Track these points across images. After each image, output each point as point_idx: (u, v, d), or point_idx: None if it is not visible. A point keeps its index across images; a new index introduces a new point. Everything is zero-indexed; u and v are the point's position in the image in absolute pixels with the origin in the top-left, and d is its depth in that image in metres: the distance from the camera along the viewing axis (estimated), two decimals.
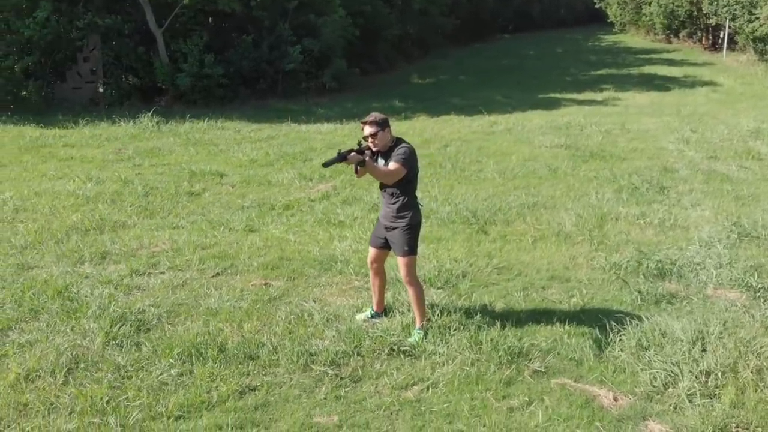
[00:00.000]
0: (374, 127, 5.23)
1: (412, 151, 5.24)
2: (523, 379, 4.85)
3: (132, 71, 18.92)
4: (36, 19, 16.97)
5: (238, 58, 19.12)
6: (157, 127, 15.37)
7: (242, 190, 10.23)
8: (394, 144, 5.29)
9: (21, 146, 13.62)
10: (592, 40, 43.50)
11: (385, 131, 5.25)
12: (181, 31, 19.15)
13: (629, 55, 32.87)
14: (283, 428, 4.30)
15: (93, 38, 18.42)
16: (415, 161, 5.26)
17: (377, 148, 5.30)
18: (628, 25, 44.62)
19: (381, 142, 5.26)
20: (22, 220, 8.50)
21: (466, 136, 14.43)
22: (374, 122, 5.24)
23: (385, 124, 5.26)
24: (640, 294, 6.12)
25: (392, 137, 5.31)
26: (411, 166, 5.21)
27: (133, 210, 9.03)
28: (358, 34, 22.55)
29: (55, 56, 18.01)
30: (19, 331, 5.45)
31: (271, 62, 19.62)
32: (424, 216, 8.25)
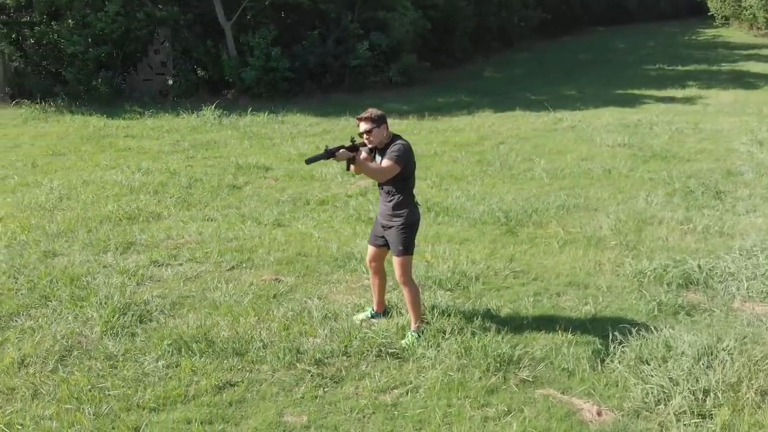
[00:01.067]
0: (369, 123, 5.24)
1: (407, 148, 5.21)
2: (508, 387, 4.76)
3: (200, 64, 19.50)
4: (108, 13, 17.74)
5: (304, 52, 19.42)
6: (218, 121, 15.83)
7: (283, 184, 10.41)
8: (390, 141, 5.28)
9: (84, 136, 14.31)
10: (689, 34, 41.79)
11: (380, 128, 5.24)
12: (250, 24, 19.61)
13: (725, 51, 31.42)
14: (252, 426, 4.38)
15: (163, 31, 19.11)
16: (410, 159, 5.23)
17: (372, 145, 5.30)
18: (731, 18, 42.62)
19: (376, 139, 5.26)
20: (63, 209, 8.94)
21: (525, 133, 14.19)
22: (369, 118, 5.25)
23: (381, 120, 5.26)
24: (658, 304, 5.89)
25: (388, 134, 5.30)
26: (405, 163, 5.18)
27: (171, 201, 9.34)
28: (429, 28, 22.49)
29: (126, 48, 18.76)
30: (26, 317, 5.75)
31: (338, 56, 19.83)
32: (457, 215, 8.33)
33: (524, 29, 35.06)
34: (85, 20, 17.97)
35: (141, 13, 18.14)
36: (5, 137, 14.31)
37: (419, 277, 6.52)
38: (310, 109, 17.47)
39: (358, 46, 19.38)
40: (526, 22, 34.37)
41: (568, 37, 38.91)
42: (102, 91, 17.99)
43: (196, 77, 19.32)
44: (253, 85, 18.75)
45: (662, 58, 28.22)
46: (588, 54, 30.96)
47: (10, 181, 10.53)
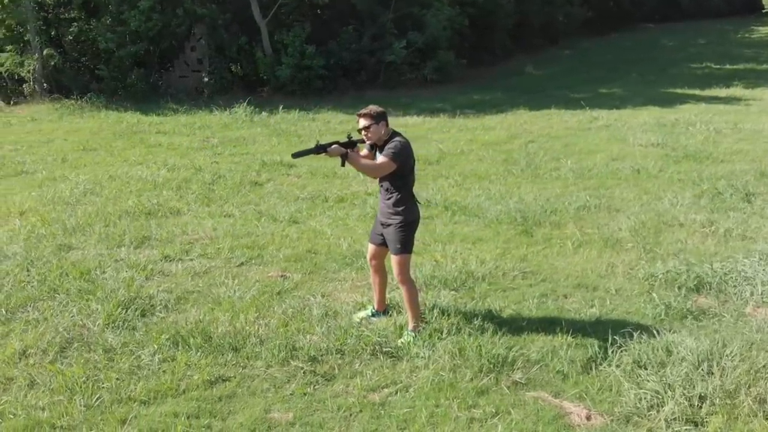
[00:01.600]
0: (368, 119, 5.27)
1: (404, 145, 5.22)
2: (499, 389, 4.75)
3: (235, 62, 19.77)
4: (140, 9, 18.08)
5: (339, 49, 19.53)
6: (249, 118, 16.04)
7: (305, 181, 10.51)
8: (389, 138, 5.30)
9: (117, 132, 14.64)
10: (743, 31, 40.72)
11: (379, 125, 5.27)
12: (285, 22, 19.80)
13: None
14: (238, 421, 4.45)
15: (199, 28, 19.43)
16: (407, 156, 5.24)
17: (370, 142, 5.34)
18: None
19: (374, 136, 5.29)
20: (85, 203, 9.17)
21: (557, 131, 14.06)
22: (368, 115, 5.28)
23: (380, 117, 5.28)
24: (666, 308, 5.80)
25: (387, 131, 5.32)
26: (402, 161, 5.19)
27: (193, 197, 9.50)
28: (467, 25, 22.40)
29: (162, 45, 19.12)
30: (33, 309, 5.93)
31: (373, 53, 19.91)
32: (473, 215, 8.32)
33: (569, 26, 34.62)
34: (121, 17, 18.36)
35: (180, 10, 18.41)
36: (40, 132, 14.73)
37: (425, 276, 6.54)
38: (342, 107, 17.57)
39: (395, 43, 19.41)
40: (570, 18, 33.94)
41: (616, 35, 38.26)
42: (138, 87, 18.38)
43: (231, 75, 19.58)
44: (287, 82, 18.95)
45: (711, 56, 27.64)
46: (634, 52, 30.42)
47: (38, 176, 10.85)
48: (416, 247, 7.19)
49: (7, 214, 8.66)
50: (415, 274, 6.59)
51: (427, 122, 15.56)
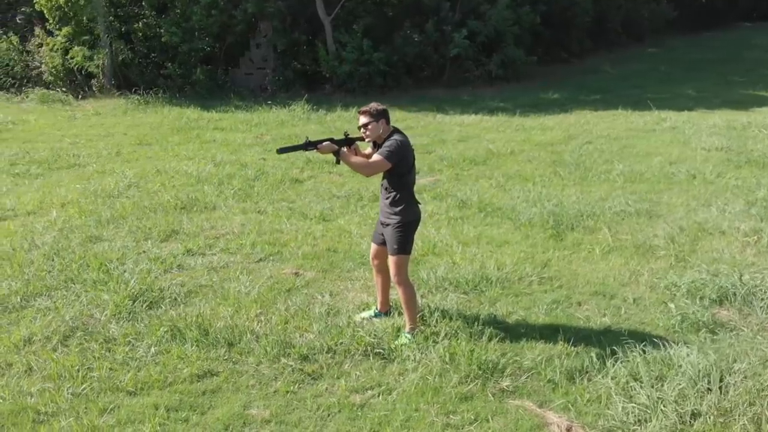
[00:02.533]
0: (367, 117, 5.31)
1: (401, 144, 5.22)
2: (484, 396, 4.70)
3: (299, 59, 20.06)
4: (200, 4, 18.55)
5: (401, 45, 19.55)
6: (306, 115, 16.27)
7: (347, 179, 10.60)
8: (388, 136, 5.31)
9: (175, 127, 15.10)
10: None
11: (378, 123, 5.29)
12: (348, 18, 19.96)
13: None
14: (216, 415, 4.55)
15: (265, 26, 19.82)
16: (404, 155, 5.23)
17: (369, 139, 5.37)
18: None
19: (373, 134, 5.32)
20: (126, 197, 9.51)
21: (618, 133, 13.70)
22: (368, 112, 5.32)
23: (380, 115, 5.30)
24: (681, 319, 5.60)
25: (387, 129, 5.33)
26: (398, 160, 5.19)
27: (231, 193, 9.72)
28: (538, 22, 22.04)
29: (227, 42, 19.60)
30: (47, 298, 6.20)
31: (437, 47, 19.84)
32: (506, 217, 8.24)
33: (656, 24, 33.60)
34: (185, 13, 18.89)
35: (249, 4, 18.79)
36: (101, 126, 15.34)
37: (438, 278, 6.52)
38: (401, 105, 17.59)
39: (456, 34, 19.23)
40: (656, 16, 32.93)
41: (707, 33, 36.92)
42: (203, 84, 18.89)
43: (294, 72, 19.88)
44: (348, 79, 19.11)
45: None
46: (721, 51, 29.27)
47: (88, 169, 11.31)
48: (436, 248, 7.24)
49: (50, 206, 9.06)
50: (428, 275, 6.59)
51: (484, 121, 15.42)
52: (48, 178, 10.82)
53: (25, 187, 10.19)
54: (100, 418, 4.47)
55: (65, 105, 18.09)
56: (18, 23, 20.40)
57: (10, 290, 6.29)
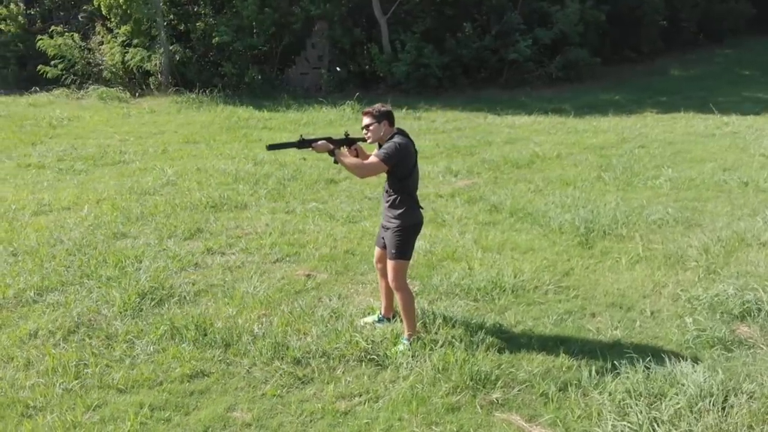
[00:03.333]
0: (369, 118, 5.29)
1: (400, 147, 5.16)
2: (472, 408, 4.60)
3: (353, 58, 20.16)
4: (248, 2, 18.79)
5: (458, 46, 19.42)
6: (355, 115, 16.31)
7: (381, 181, 10.54)
8: (390, 138, 5.27)
9: (224, 126, 15.38)
10: None
11: (380, 124, 5.25)
12: (405, 18, 19.96)
13: None
14: (199, 417, 4.58)
15: (321, 25, 19.99)
16: (402, 158, 5.16)
17: (371, 141, 5.34)
18: None
19: (374, 135, 5.28)
20: (161, 194, 9.72)
21: (675, 137, 13.29)
22: (370, 113, 5.29)
23: (383, 117, 5.26)
24: (697, 335, 5.38)
25: (389, 131, 5.28)
26: (395, 163, 5.13)
27: (264, 192, 9.83)
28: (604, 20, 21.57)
29: (282, 42, 19.84)
30: (60, 293, 6.37)
31: (496, 50, 19.64)
32: (537, 223, 8.09)
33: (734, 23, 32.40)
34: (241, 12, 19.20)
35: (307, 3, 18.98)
36: (154, 124, 15.74)
37: (450, 284, 6.43)
38: (455, 106, 17.51)
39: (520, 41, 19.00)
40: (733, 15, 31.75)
41: None
42: (257, 83, 19.19)
43: (349, 72, 19.99)
44: (403, 80, 19.10)
45: None
46: None
47: (132, 166, 11.61)
48: (456, 252, 7.15)
49: (86, 201, 9.34)
50: (441, 280, 6.52)
51: (536, 123, 15.19)
52: (91, 174, 11.15)
53: (66, 182, 10.53)
54: (84, 414, 4.56)
55: (122, 102, 18.66)
56: (81, 21, 21.12)
57: (26, 284, 6.49)
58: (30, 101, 19.15)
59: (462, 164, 11.44)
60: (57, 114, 16.70)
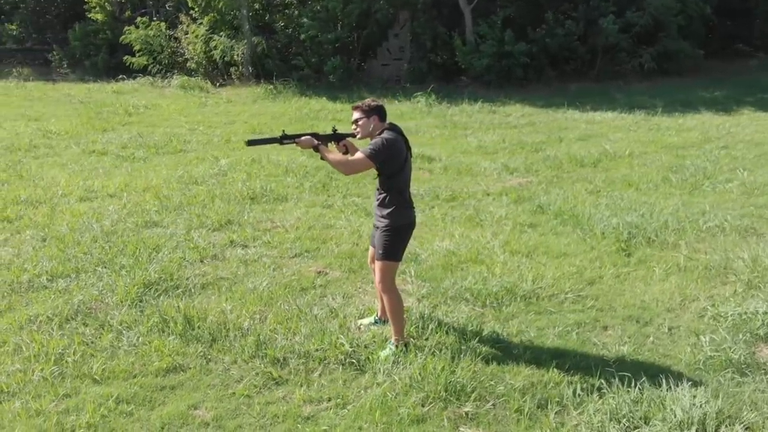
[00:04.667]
0: (358, 112, 5.19)
1: (387, 143, 5.01)
2: (439, 420, 4.43)
3: (435, 50, 19.98)
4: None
5: (544, 36, 18.91)
6: (428, 108, 16.19)
7: (434, 176, 10.45)
8: (379, 134, 5.15)
9: (296, 117, 15.58)
10: None
11: (369, 119, 5.14)
12: (490, 8, 19.60)
13: None
14: (162, 412, 4.58)
15: (403, 15, 19.91)
16: (390, 155, 5.01)
17: (360, 136, 5.24)
18: None
19: (363, 130, 5.18)
20: (207, 184, 9.92)
21: (765, 138, 12.47)
22: (360, 107, 5.19)
23: (372, 111, 5.15)
24: (710, 356, 5.01)
25: (379, 126, 5.16)
26: (382, 160, 5.00)
27: (308, 186, 9.87)
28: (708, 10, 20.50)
29: (364, 32, 19.88)
30: (71, 280, 6.56)
31: (585, 40, 19.01)
32: (579, 225, 7.78)
33: None
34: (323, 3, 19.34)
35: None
36: (227, 114, 16.11)
37: (460, 288, 6.24)
38: (535, 99, 17.09)
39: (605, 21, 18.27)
40: None
41: None
42: (336, 75, 19.30)
43: (430, 63, 19.82)
44: (484, 71, 18.78)
45: None
46: None
47: (189, 155, 11.91)
48: (479, 255, 6.96)
49: (132, 189, 9.64)
50: (453, 283, 6.34)
51: (618, 119, 14.63)
52: (148, 162, 11.51)
53: (121, 170, 10.90)
54: (51, 403, 4.66)
55: (202, 92, 19.20)
56: (168, 10, 21.86)
57: (42, 270, 6.74)
58: (115, 89, 20.02)
59: (522, 161, 11.13)
60: (135, 102, 17.37)
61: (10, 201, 9.08)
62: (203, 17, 19.97)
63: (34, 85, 21.45)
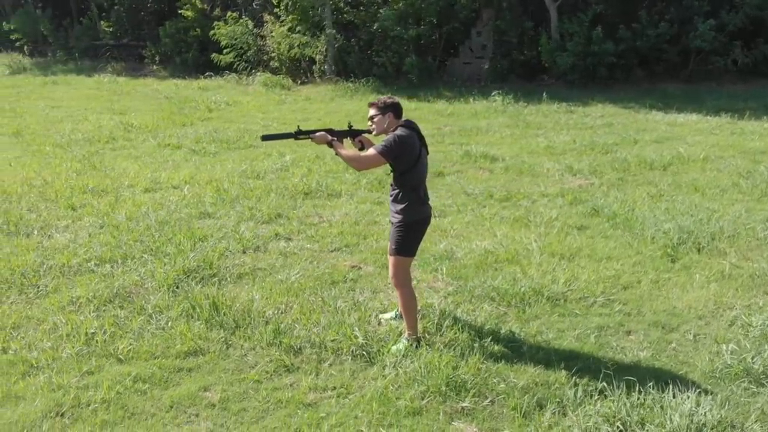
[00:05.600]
0: (374, 109, 5.36)
1: (400, 140, 5.13)
2: (434, 414, 4.55)
3: (518, 47, 19.86)
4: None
5: (633, 35, 18.50)
6: (504, 107, 16.16)
7: (494, 176, 10.49)
8: (393, 131, 5.30)
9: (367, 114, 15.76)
10: None
11: (384, 116, 5.30)
12: (578, 4, 19.34)
13: None
14: (174, 392, 4.87)
15: (487, 12, 19.89)
16: (402, 152, 5.12)
17: (375, 133, 5.40)
18: None
19: (378, 127, 5.35)
20: (267, 179, 10.26)
21: None
22: (375, 104, 5.37)
23: (388, 108, 5.30)
24: (729, 365, 4.93)
25: (393, 123, 5.30)
26: (394, 156, 5.13)
27: (365, 182, 10.06)
28: None
29: (446, 30, 19.95)
30: (118, 265, 6.98)
31: (677, 40, 18.50)
32: (629, 229, 7.70)
33: None
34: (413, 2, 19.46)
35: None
36: (303, 111, 16.54)
37: (488, 288, 6.31)
38: (619, 100, 16.81)
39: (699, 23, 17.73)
40: None
41: None
42: (414, 73, 19.46)
43: (512, 62, 19.73)
44: (568, 70, 18.56)
45: None
46: None
47: (257, 151, 12.33)
48: (517, 255, 7.02)
49: (195, 182, 10.09)
50: (483, 282, 6.43)
51: (704, 122, 14.23)
52: (218, 157, 11.98)
53: (190, 163, 11.39)
54: (73, 379, 5.03)
55: (283, 89, 19.74)
56: (255, 8, 22.53)
57: (92, 255, 7.20)
58: (201, 85, 20.82)
59: (588, 163, 11.01)
60: (217, 98, 18.02)
61: (78, 190, 9.67)
62: (287, 16, 20.50)
63: (125, 81, 22.55)
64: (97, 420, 4.57)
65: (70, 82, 22.49)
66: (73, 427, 4.51)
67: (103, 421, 4.57)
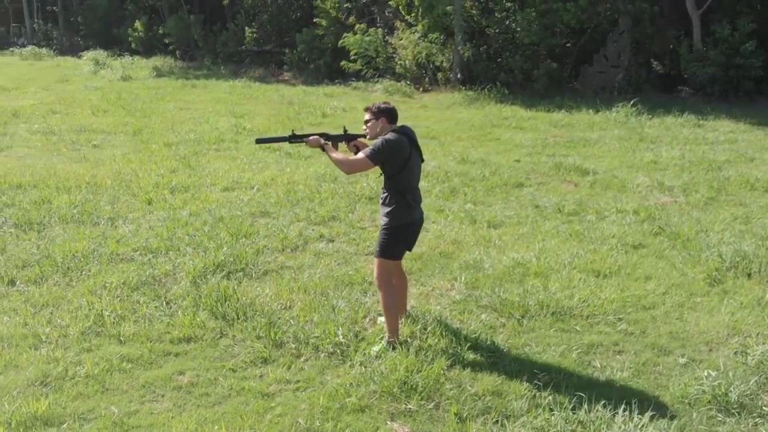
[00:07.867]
0: (368, 114, 5.67)
1: (389, 144, 5.38)
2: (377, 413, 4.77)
3: (657, 57, 19.29)
4: (578, 3, 18.83)
5: None
6: (625, 119, 15.83)
7: (577, 189, 10.41)
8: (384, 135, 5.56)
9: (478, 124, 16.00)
10: None
11: (378, 120, 5.59)
12: (726, 13, 18.53)
13: None
14: (153, 373, 5.38)
15: (625, 21, 19.47)
16: (390, 156, 5.36)
17: (369, 137, 5.69)
18: None
19: (371, 131, 5.64)
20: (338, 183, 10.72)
21: None
22: (370, 109, 5.67)
23: (381, 113, 5.59)
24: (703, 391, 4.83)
25: (386, 128, 5.57)
26: (383, 160, 5.39)
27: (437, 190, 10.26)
28: None
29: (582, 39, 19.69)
30: (159, 256, 7.61)
31: None
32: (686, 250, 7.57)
33: None
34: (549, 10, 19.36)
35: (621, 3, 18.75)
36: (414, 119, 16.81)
37: (496, 299, 6.41)
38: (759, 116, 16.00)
39: None
40: None
41: None
42: (542, 82, 19.35)
43: (648, 71, 19.20)
44: (707, 82, 17.85)
45: None
46: None
47: None
48: (549, 269, 7.09)
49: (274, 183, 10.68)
50: (492, 291, 6.54)
51: None
52: (307, 160, 12.56)
53: (278, 166, 12.05)
54: (69, 353, 5.64)
55: (405, 97, 20.21)
56: (387, 16, 23.20)
57: (139, 245, 7.90)
58: (327, 92, 21.69)
59: (685, 180, 10.69)
60: (335, 104, 18.75)
61: (162, 186, 10.52)
62: (418, 23, 20.96)
63: (258, 86, 23.81)
64: (74, 392, 5.14)
65: (207, 86, 24.05)
66: (50, 395, 5.08)
67: (78, 393, 5.12)
